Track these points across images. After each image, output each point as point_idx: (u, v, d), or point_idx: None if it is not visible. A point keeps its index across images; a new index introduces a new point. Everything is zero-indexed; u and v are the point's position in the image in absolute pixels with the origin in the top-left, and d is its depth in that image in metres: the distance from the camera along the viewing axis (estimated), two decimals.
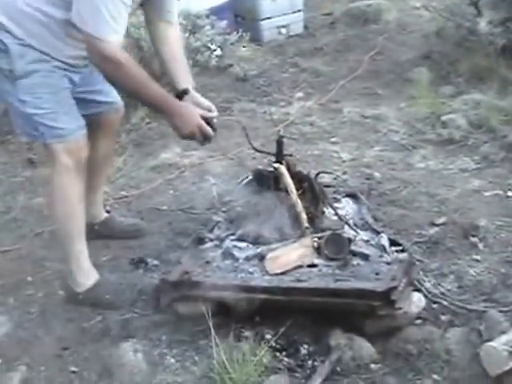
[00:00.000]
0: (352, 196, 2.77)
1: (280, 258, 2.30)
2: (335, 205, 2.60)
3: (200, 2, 5.15)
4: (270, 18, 5.86)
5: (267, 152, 2.67)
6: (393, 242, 2.41)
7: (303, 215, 2.41)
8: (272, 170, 2.54)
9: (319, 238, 2.35)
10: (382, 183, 3.26)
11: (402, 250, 2.38)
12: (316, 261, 2.31)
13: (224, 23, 5.24)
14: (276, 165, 2.51)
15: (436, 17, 5.49)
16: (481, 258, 2.56)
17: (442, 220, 2.84)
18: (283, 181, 2.46)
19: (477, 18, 4.68)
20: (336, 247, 2.30)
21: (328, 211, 2.54)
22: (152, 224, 3.04)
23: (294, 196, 2.43)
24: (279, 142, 2.54)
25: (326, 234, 2.35)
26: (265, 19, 5.83)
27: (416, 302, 2.25)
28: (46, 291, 2.61)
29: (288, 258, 2.30)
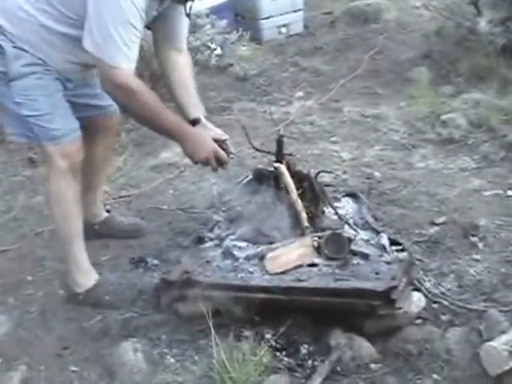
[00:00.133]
0: (352, 195, 2.77)
1: (280, 258, 2.30)
2: (335, 204, 2.60)
3: (200, 2, 5.13)
4: (270, 18, 5.86)
5: (267, 151, 2.67)
6: (393, 242, 2.41)
7: (303, 214, 2.41)
8: (272, 169, 2.54)
9: (319, 237, 2.35)
10: (381, 182, 3.26)
11: (401, 250, 2.38)
12: (316, 260, 2.31)
13: (224, 22, 5.24)
14: (276, 164, 2.51)
15: (436, 16, 5.49)
16: (481, 258, 2.56)
17: (441, 219, 2.84)
18: (283, 180, 2.46)
19: (477, 17, 4.68)
20: (336, 247, 2.30)
21: (328, 211, 2.55)
22: (152, 223, 3.03)
23: (294, 195, 2.42)
24: (279, 142, 2.54)
25: (326, 233, 2.35)
26: (265, 18, 5.83)
27: (416, 301, 2.25)
28: (46, 291, 2.61)
29: (288, 257, 2.30)
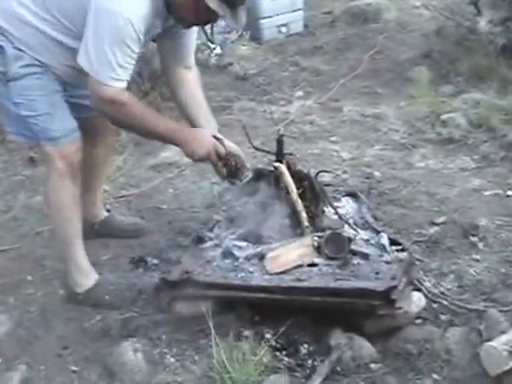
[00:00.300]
0: (352, 195, 2.77)
1: (280, 258, 2.30)
2: (335, 204, 2.59)
3: None
4: (270, 17, 5.84)
5: (267, 151, 2.67)
6: (393, 242, 2.41)
7: (303, 214, 2.40)
8: (272, 168, 2.54)
9: (319, 237, 2.34)
10: (381, 182, 3.26)
11: (401, 250, 2.38)
12: (316, 260, 2.30)
13: (224, 22, 5.22)
14: (276, 164, 2.51)
15: (436, 16, 5.49)
16: (481, 258, 2.56)
17: (441, 219, 2.84)
18: (283, 180, 2.46)
19: (477, 17, 4.68)
20: (336, 246, 2.30)
21: (328, 210, 2.54)
22: (152, 223, 3.03)
23: (294, 195, 2.42)
24: (279, 141, 2.54)
25: (326, 233, 2.35)
26: (265, 18, 5.81)
27: (416, 301, 2.25)
28: (46, 290, 2.61)
29: (288, 257, 2.30)
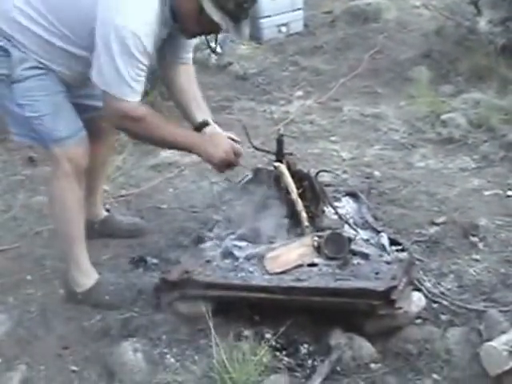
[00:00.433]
0: (352, 195, 2.77)
1: (280, 257, 2.30)
2: (335, 204, 2.59)
3: None
4: (269, 17, 5.84)
5: (267, 151, 2.67)
6: (393, 242, 2.41)
7: (303, 214, 2.40)
8: (272, 168, 2.54)
9: (319, 237, 2.34)
10: (381, 182, 3.26)
11: (401, 250, 2.38)
12: (316, 260, 2.30)
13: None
14: (276, 163, 2.51)
15: (436, 16, 5.50)
16: (480, 258, 2.56)
17: (441, 219, 2.84)
18: (283, 180, 2.46)
19: (477, 17, 4.69)
20: (336, 246, 2.30)
21: (328, 210, 2.54)
22: (152, 223, 3.03)
23: (294, 195, 2.42)
24: (279, 141, 2.54)
25: (326, 233, 2.35)
26: (265, 17, 5.82)
27: (416, 301, 2.25)
28: (46, 290, 2.60)
29: (288, 257, 2.30)
